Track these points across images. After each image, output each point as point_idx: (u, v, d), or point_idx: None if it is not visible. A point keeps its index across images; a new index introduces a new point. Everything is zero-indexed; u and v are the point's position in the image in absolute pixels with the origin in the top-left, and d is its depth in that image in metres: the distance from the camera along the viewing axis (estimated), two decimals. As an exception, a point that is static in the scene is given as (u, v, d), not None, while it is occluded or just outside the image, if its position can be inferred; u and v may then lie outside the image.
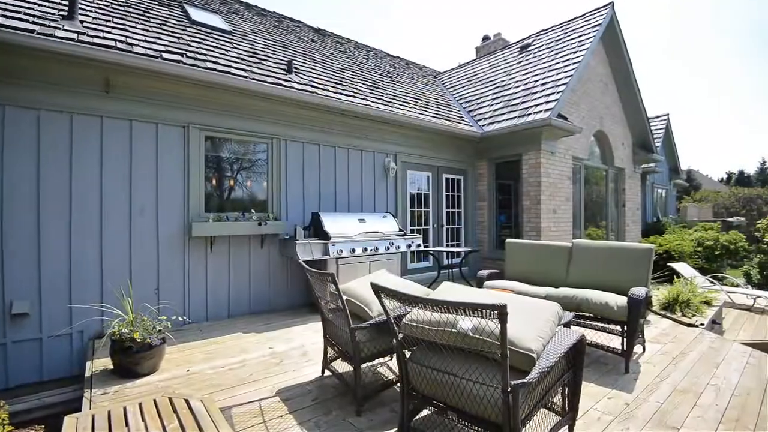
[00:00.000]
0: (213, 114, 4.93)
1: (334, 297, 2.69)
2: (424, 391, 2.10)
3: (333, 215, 5.48)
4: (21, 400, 3.42)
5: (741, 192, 23.76)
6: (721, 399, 2.94)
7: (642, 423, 2.58)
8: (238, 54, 5.72)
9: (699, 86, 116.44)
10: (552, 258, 4.52)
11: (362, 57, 9.92)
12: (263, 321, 4.88)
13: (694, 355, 3.84)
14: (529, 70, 8.82)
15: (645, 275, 3.77)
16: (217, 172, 5.14)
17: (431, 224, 7.80)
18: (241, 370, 3.37)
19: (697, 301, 5.44)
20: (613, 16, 8.78)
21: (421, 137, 7.39)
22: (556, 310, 2.26)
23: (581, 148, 8.49)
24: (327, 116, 5.96)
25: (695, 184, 33.85)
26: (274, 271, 5.44)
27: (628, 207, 10.39)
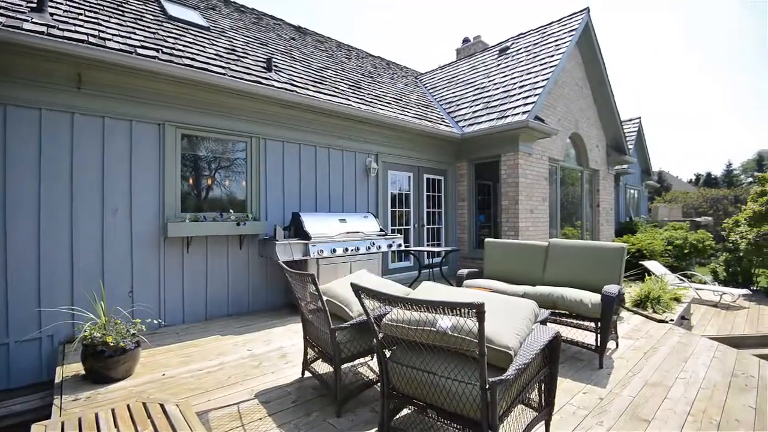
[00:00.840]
0: (190, 112, 4.83)
1: (314, 298, 2.68)
2: (404, 390, 2.11)
3: (314, 215, 5.44)
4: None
5: (708, 193, 24.81)
6: (689, 392, 3.06)
7: (615, 416, 2.66)
8: (216, 51, 5.62)
9: (670, 90, 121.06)
10: (529, 257, 4.61)
11: (343, 56, 9.88)
12: (242, 323, 4.80)
13: (665, 350, 3.99)
14: (508, 73, 8.97)
15: (618, 273, 3.90)
16: (195, 171, 5.03)
17: (412, 224, 7.85)
18: (218, 373, 3.31)
19: (667, 298, 5.65)
20: (588, 21, 9.03)
21: (402, 137, 7.42)
22: (532, 307, 2.31)
23: (557, 150, 8.69)
24: (307, 115, 5.92)
25: (666, 185, 35.13)
26: (254, 272, 5.37)
27: (602, 207, 10.70)
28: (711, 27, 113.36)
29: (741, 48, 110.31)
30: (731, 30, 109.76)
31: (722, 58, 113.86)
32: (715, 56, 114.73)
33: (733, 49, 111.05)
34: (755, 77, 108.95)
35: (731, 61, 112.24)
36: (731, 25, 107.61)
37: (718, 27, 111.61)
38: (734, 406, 2.85)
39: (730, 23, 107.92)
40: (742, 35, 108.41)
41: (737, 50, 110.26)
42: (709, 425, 2.58)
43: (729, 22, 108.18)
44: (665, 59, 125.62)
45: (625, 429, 2.51)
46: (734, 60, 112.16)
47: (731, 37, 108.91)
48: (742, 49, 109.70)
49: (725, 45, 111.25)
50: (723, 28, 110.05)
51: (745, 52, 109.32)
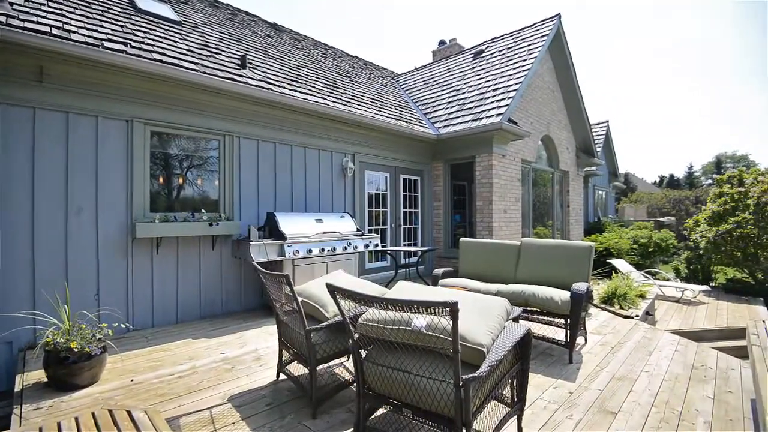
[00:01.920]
0: (160, 108, 4.68)
1: (289, 299, 2.65)
2: (380, 390, 2.12)
3: (289, 215, 5.38)
4: (-67, 422, 3.07)
5: (671, 194, 26.02)
6: (653, 384, 3.21)
7: (584, 410, 2.76)
8: (188, 46, 5.47)
9: (635, 95, 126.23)
10: (502, 256, 4.71)
11: (320, 55, 9.81)
12: (215, 326, 4.69)
13: (630, 345, 4.16)
14: (483, 76, 9.14)
15: (586, 271, 4.04)
16: (165, 170, 4.88)
17: (389, 224, 7.87)
18: (190, 377, 3.22)
19: (633, 295, 5.89)
20: (560, 27, 9.30)
21: (379, 138, 7.44)
22: (504, 305, 2.36)
23: (530, 152, 8.92)
24: (283, 114, 5.84)
25: (632, 187, 36.59)
26: (227, 273, 5.26)
27: (571, 207, 11.06)
28: (678, 34, 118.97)
29: (705, 55, 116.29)
30: (698, 38, 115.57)
31: (688, 65, 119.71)
32: (681, 63, 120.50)
33: (698, 57, 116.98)
34: (717, 83, 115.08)
35: (696, 67, 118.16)
36: (698, 33, 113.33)
37: (685, 35, 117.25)
38: (694, 396, 3.00)
39: (698, 31, 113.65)
40: (706, 43, 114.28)
41: (702, 57, 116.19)
42: (672, 415, 2.71)
43: (696, 30, 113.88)
44: (632, 64, 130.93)
45: (593, 422, 2.60)
46: (698, 67, 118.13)
47: (698, 45, 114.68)
48: (707, 56, 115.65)
49: (693, 52, 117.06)
50: (690, 35, 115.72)
51: (709, 59, 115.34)
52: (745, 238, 8.46)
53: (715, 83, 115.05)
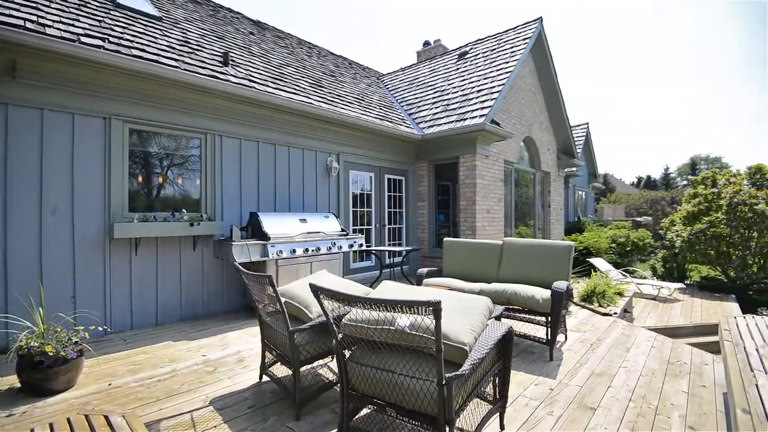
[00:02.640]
0: (140, 106, 4.57)
1: (272, 300, 2.63)
2: (364, 390, 2.12)
3: (273, 215, 5.32)
4: None
5: (648, 194, 26.80)
6: (630, 379, 3.30)
7: (564, 406, 2.81)
8: (168, 42, 5.36)
9: (614, 98, 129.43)
10: (485, 255, 4.77)
11: (304, 54, 9.75)
12: (196, 328, 4.61)
13: (609, 342, 4.26)
14: (466, 77, 9.22)
15: (566, 270, 4.12)
16: (145, 169, 4.78)
17: (373, 224, 7.88)
18: (170, 380, 3.16)
19: (612, 293, 6.04)
20: (541, 30, 9.46)
21: (364, 138, 7.43)
22: (487, 304, 2.39)
23: (512, 153, 9.05)
24: (266, 112, 5.78)
25: (610, 187, 37.50)
26: (209, 274, 5.17)
27: (552, 207, 11.26)
28: (655, 39, 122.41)
29: (683, 59, 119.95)
30: (675, 41, 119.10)
31: (667, 68, 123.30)
32: (660, 65, 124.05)
33: (676, 60, 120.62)
34: (694, 87, 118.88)
35: (674, 71, 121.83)
36: (675, 38, 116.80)
37: (662, 39, 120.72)
38: (670, 391, 3.10)
39: (675, 35, 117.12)
40: (683, 46, 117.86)
41: (680, 61, 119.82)
42: (648, 410, 2.79)
43: (674, 34, 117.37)
44: (612, 67, 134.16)
45: (573, 417, 2.66)
46: (676, 70, 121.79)
47: (676, 48, 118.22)
48: (685, 59, 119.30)
49: (672, 55, 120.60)
50: (668, 39, 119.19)
51: (686, 62, 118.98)
52: (718, 237, 8.78)
53: (692, 86, 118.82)
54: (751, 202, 8.49)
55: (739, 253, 8.66)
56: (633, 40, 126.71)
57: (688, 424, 2.61)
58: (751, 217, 8.40)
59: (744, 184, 9.35)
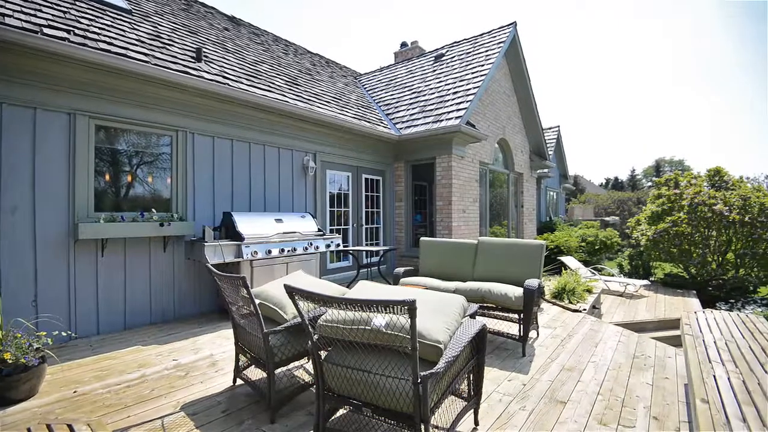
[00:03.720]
0: (107, 101, 4.40)
1: (246, 301, 2.58)
2: (340, 391, 2.11)
3: (247, 215, 5.23)
4: None
5: (616, 195, 27.81)
6: (599, 373, 3.42)
7: (536, 400, 2.89)
8: (138, 36, 5.18)
9: (584, 101, 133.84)
10: (460, 254, 4.84)
11: (281, 51, 9.62)
12: (166, 331, 4.48)
13: (578, 337, 4.40)
14: (443, 79, 9.33)
15: (538, 268, 4.23)
16: (113, 167, 4.60)
17: (351, 224, 7.85)
18: (140, 386, 3.06)
19: (581, 290, 6.24)
20: (515, 35, 9.67)
21: (341, 137, 7.40)
22: (461, 302, 2.43)
23: (487, 154, 9.21)
24: (240, 110, 5.67)
25: (580, 188, 38.72)
26: (180, 276, 5.03)
27: (525, 207, 11.54)
28: (623, 43, 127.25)
29: (646, 63, 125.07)
30: (643, 46, 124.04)
31: (630, 72, 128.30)
32: (624, 69, 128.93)
33: (644, 63, 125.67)
34: (659, 90, 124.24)
35: (638, 74, 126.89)
36: (644, 42, 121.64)
37: (629, 43, 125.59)
38: (635, 384, 3.23)
39: (644, 40, 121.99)
40: (647, 52, 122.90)
41: (648, 67, 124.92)
42: (615, 402, 2.90)
43: (642, 39, 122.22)
44: (581, 71, 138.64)
45: (545, 411, 2.74)
46: (639, 74, 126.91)
47: (645, 54, 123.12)
48: (648, 64, 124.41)
49: (636, 60, 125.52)
50: (636, 45, 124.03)
51: (653, 66, 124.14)
52: (680, 235, 9.20)
53: (657, 91, 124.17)
54: (710, 202, 8.94)
55: (699, 251, 9.10)
56: (605, 45, 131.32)
57: (653, 415, 2.72)
58: (710, 216, 8.85)
59: (704, 185, 9.83)
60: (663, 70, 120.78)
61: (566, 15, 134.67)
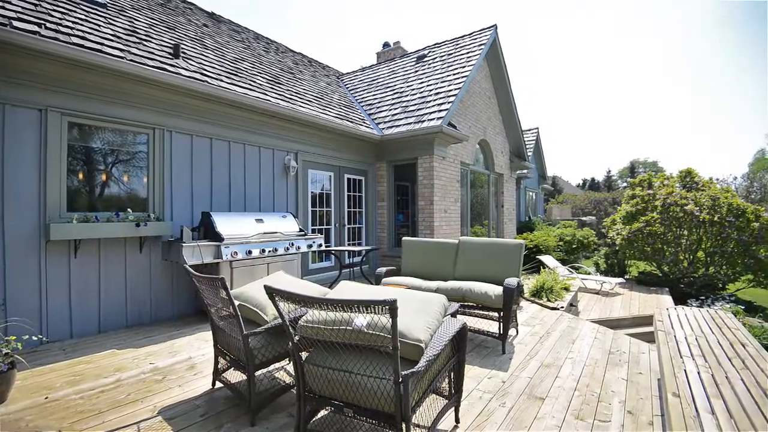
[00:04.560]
0: (81, 98, 4.26)
1: (226, 303, 2.54)
2: (321, 392, 2.11)
3: (227, 215, 5.15)
4: None
5: (592, 195, 28.55)
6: (576, 369, 3.51)
7: (515, 397, 2.94)
8: (113, 31, 5.03)
9: (562, 104, 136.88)
10: (442, 254, 4.88)
11: (262, 49, 9.50)
12: (143, 334, 4.37)
13: (556, 334, 4.50)
14: (425, 80, 9.39)
15: (517, 267, 4.31)
16: (86, 165, 4.46)
17: (333, 224, 7.82)
18: (115, 391, 2.97)
19: (559, 288, 6.38)
20: (496, 38, 9.81)
21: (323, 137, 7.36)
22: (442, 302, 2.45)
23: (468, 155, 9.32)
24: (220, 108, 5.57)
25: (558, 189, 39.54)
26: (157, 277, 4.91)
27: (505, 207, 11.72)
28: (601, 45, 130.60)
29: (623, 65, 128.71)
30: (617, 50, 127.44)
31: (606, 74, 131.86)
32: (601, 71, 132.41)
33: (616, 66, 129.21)
34: (632, 92, 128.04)
35: (614, 77, 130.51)
36: (622, 45, 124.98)
37: (608, 46, 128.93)
38: (611, 379, 3.32)
39: (621, 43, 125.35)
40: (625, 54, 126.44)
41: (621, 67, 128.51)
42: (592, 397, 2.98)
43: (620, 42, 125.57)
44: (560, 73, 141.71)
45: (524, 408, 2.79)
46: (615, 77, 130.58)
47: (621, 54, 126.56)
48: (625, 66, 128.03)
49: (613, 62, 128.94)
50: (614, 47, 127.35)
51: (626, 69, 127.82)
52: (654, 235, 9.52)
53: (632, 92, 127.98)
54: (681, 202, 9.28)
55: (671, 249, 9.43)
56: (584, 47, 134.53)
57: (627, 409, 2.81)
58: (682, 216, 9.19)
59: (676, 186, 10.19)
60: (638, 72, 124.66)
61: (545, 18, 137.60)
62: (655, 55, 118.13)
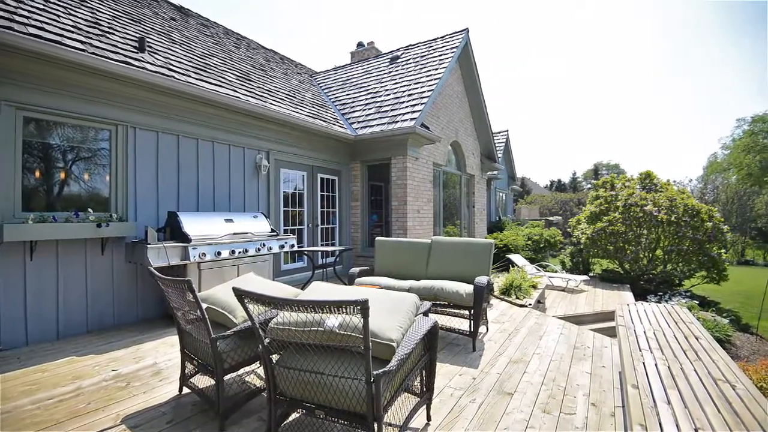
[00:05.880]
0: (37, 91, 4.03)
1: (193, 306, 2.47)
2: (293, 394, 2.09)
3: (195, 215, 5.00)
4: None
5: (559, 196, 29.57)
6: (543, 364, 3.62)
7: (485, 393, 3.02)
8: (74, 22, 4.79)
9: (531, 108, 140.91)
10: (415, 254, 4.93)
11: (232, 45, 9.28)
12: (106, 339, 4.19)
13: (524, 331, 4.64)
14: (398, 81, 9.45)
15: (487, 266, 4.41)
16: (44, 163, 4.22)
17: (306, 224, 7.74)
18: (74, 400, 2.84)
19: (527, 286, 6.57)
20: (468, 41, 9.99)
21: (296, 136, 7.27)
22: (414, 301, 2.48)
23: (441, 156, 9.45)
24: (188, 105, 5.40)
25: (527, 189, 40.68)
26: (120, 280, 4.71)
27: (476, 208, 11.96)
28: (570, 48, 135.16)
29: (587, 70, 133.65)
30: (586, 56, 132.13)
31: (573, 78, 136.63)
32: (569, 75, 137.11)
33: (580, 72, 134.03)
34: (596, 97, 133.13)
35: (579, 82, 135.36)
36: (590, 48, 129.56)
37: (574, 50, 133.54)
38: (576, 373, 3.46)
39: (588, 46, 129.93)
40: (593, 57, 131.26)
41: (584, 73, 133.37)
42: (558, 391, 3.09)
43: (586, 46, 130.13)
44: (529, 77, 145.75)
45: (493, 403, 2.86)
46: (579, 82, 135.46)
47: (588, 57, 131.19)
48: (592, 69, 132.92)
49: (582, 65, 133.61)
50: (583, 50, 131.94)
51: (592, 73, 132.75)
52: (616, 234, 9.95)
53: (597, 97, 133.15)
54: (641, 203, 9.75)
55: (632, 248, 9.88)
56: (553, 49, 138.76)
57: (591, 402, 2.93)
58: (642, 216, 9.65)
59: (636, 187, 10.69)
60: (602, 77, 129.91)
61: (513, 23, 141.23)
62: (618, 60, 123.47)
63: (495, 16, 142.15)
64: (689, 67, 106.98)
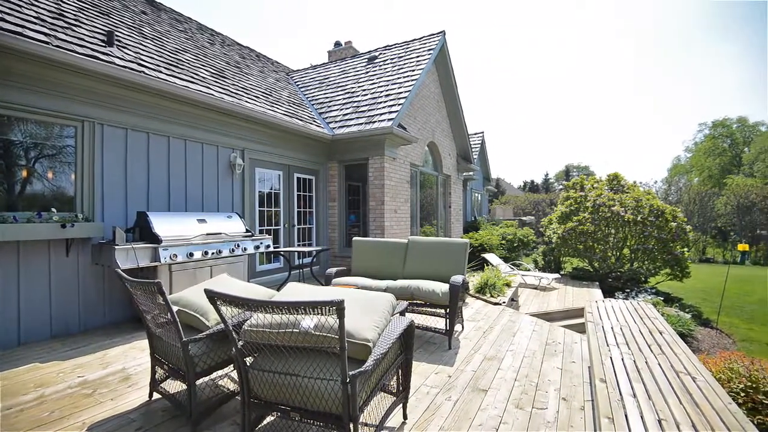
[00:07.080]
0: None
1: (163, 309, 2.40)
2: (267, 397, 2.06)
3: (165, 215, 4.86)
4: None
5: (532, 197, 30.29)
6: (516, 361, 3.71)
7: (461, 390, 3.07)
8: (37, 13, 4.57)
9: (505, 110, 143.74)
10: (391, 253, 4.96)
11: (206, 41, 9.06)
12: (70, 345, 4.02)
13: (499, 328, 4.73)
14: (376, 81, 9.45)
15: (462, 265, 4.48)
16: (4, 160, 4.01)
17: (282, 224, 7.65)
18: (37, 409, 2.71)
19: (501, 284, 6.70)
20: (444, 44, 10.10)
21: (272, 134, 7.17)
22: (390, 300, 2.50)
23: (418, 156, 9.52)
24: (159, 101, 5.24)
25: (502, 190, 41.45)
26: (86, 283, 4.53)
27: (453, 208, 12.12)
28: (545, 50, 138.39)
29: (560, 74, 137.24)
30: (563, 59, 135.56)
31: (546, 81, 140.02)
32: (542, 78, 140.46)
33: (553, 76, 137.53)
34: (567, 101, 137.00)
35: (551, 85, 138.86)
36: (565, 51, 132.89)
37: (551, 53, 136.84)
38: (547, 368, 3.56)
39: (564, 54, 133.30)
40: (569, 59, 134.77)
41: (557, 76, 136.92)
42: (530, 387, 3.17)
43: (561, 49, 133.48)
44: (503, 79, 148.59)
45: (468, 400, 2.91)
46: (552, 85, 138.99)
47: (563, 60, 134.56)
48: (565, 72, 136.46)
49: (555, 68, 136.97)
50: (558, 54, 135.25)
51: (565, 76, 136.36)
52: (585, 233, 10.28)
53: (568, 100, 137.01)
54: (609, 204, 10.12)
55: (600, 247, 10.25)
56: (526, 51, 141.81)
57: (562, 396, 3.02)
58: (610, 216, 10.02)
59: (605, 189, 11.08)
60: (573, 80, 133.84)
61: (486, 26, 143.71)
62: (590, 64, 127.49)
63: (471, 21, 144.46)
64: (657, 74, 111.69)
